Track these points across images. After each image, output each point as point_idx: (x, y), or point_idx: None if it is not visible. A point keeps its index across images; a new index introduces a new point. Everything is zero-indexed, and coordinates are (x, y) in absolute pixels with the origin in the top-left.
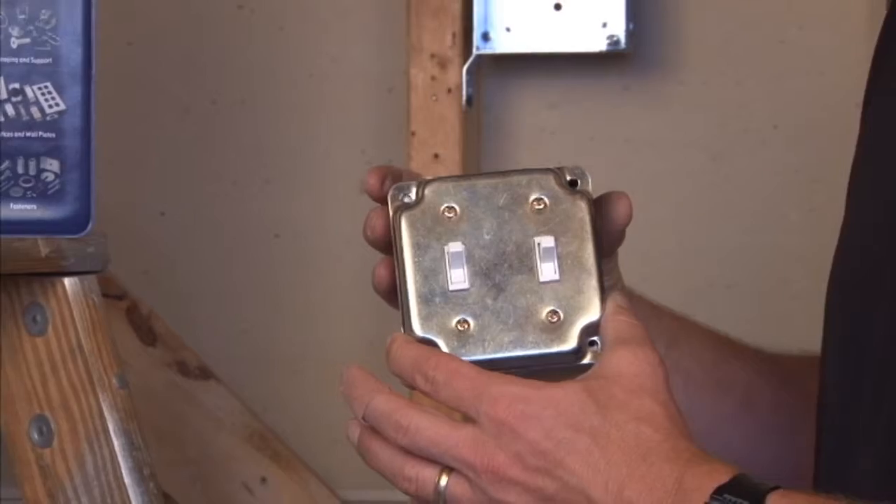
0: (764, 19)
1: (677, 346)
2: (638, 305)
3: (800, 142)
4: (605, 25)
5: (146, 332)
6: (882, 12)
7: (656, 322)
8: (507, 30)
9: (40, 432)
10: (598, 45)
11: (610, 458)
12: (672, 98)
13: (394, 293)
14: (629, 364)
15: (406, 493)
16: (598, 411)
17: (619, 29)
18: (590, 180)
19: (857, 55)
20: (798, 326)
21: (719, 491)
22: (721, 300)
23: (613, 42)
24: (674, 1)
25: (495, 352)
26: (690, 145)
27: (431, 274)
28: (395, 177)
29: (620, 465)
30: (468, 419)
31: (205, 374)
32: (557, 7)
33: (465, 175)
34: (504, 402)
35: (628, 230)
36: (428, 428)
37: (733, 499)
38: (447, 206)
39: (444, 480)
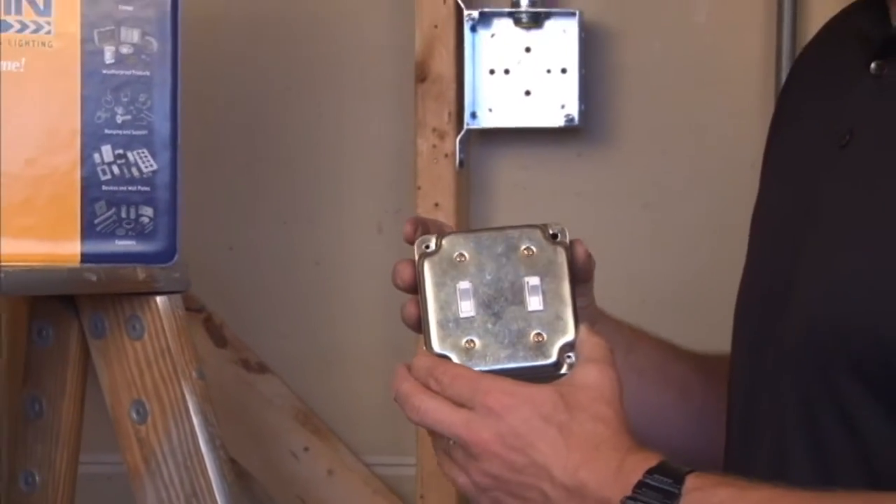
0: (681, 104)
1: (633, 351)
2: (605, 321)
3: (710, 193)
4: (563, 107)
5: (218, 337)
6: (771, 101)
7: (618, 333)
8: (490, 110)
9: (138, 413)
10: (558, 121)
11: (570, 446)
12: (613, 162)
13: (419, 323)
14: (593, 377)
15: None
16: (565, 410)
17: (573, 109)
18: (567, 233)
19: (751, 131)
20: (712, 332)
21: (650, 472)
22: (652, 314)
23: (569, 119)
24: (615, 89)
25: (494, 364)
26: (627, 197)
27: (446, 305)
28: (423, 225)
29: (577, 452)
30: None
31: (262, 368)
32: (527, 93)
33: (473, 230)
34: (493, 394)
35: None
36: (434, 410)
37: (660, 477)
38: (459, 254)
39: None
